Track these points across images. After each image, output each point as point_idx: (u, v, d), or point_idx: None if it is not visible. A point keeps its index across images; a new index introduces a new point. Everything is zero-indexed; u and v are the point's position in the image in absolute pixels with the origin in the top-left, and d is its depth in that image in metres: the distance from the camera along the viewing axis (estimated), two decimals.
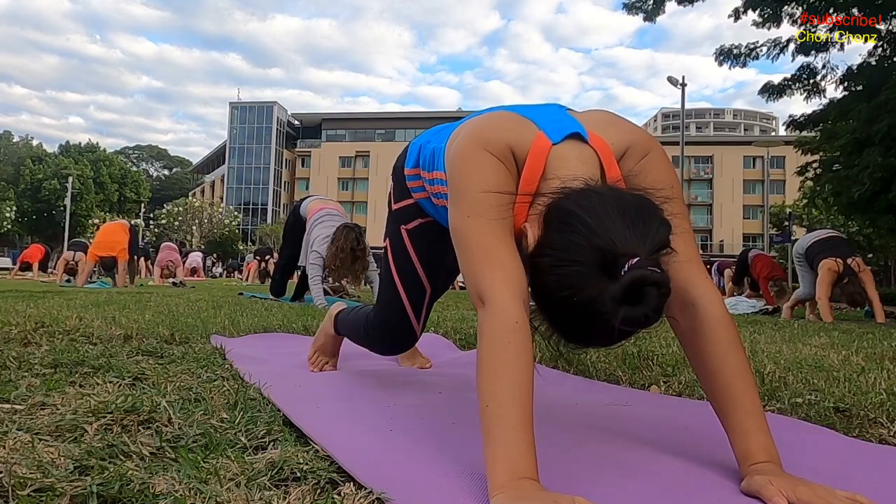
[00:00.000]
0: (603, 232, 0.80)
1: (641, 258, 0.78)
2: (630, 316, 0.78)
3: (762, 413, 0.89)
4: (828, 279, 5.02)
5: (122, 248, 7.79)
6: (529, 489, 0.74)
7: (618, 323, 0.78)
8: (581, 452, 0.99)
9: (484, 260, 0.91)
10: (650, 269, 0.77)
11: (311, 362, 1.84)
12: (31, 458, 0.80)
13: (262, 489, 0.76)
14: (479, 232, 0.93)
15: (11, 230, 44.34)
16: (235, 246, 43.45)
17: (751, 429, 0.86)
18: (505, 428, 0.78)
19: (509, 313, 0.86)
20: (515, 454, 0.76)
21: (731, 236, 45.65)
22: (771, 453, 0.85)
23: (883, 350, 2.46)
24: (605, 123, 1.05)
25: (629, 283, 0.76)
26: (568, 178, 0.91)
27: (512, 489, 0.73)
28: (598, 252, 0.80)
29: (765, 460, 0.84)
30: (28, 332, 2.13)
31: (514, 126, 1.02)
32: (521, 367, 0.83)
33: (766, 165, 32.63)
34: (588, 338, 0.90)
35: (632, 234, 0.80)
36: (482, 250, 0.92)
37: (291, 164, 56.49)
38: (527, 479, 0.75)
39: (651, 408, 1.37)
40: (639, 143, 1.03)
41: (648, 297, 0.77)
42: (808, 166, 10.68)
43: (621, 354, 2.02)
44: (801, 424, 1.23)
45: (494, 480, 0.75)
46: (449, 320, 3.21)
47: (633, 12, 10.34)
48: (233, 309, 3.80)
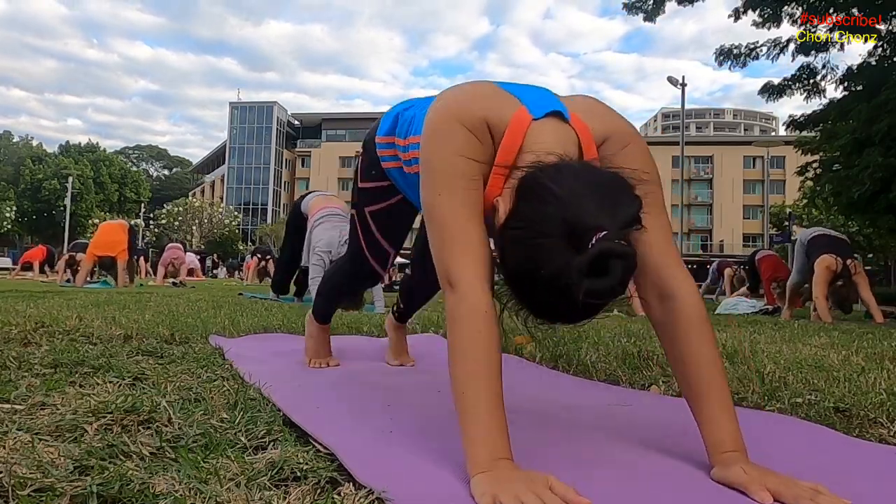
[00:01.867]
0: (573, 205, 0.81)
1: (610, 232, 0.78)
2: (595, 288, 0.78)
3: (731, 404, 0.92)
4: (824, 277, 4.98)
5: (122, 248, 7.75)
6: (507, 469, 0.79)
7: (582, 295, 0.78)
8: (580, 453, 0.99)
9: (454, 241, 0.93)
10: (617, 241, 0.77)
11: (311, 366, 1.87)
12: (31, 458, 0.80)
13: (262, 489, 0.76)
14: (450, 210, 0.95)
15: (11, 230, 44.34)
16: (235, 246, 43.44)
17: (721, 419, 0.90)
18: (481, 411, 0.84)
19: (478, 299, 0.89)
20: (493, 436, 0.82)
21: (731, 236, 45.63)
22: (738, 443, 0.88)
23: (883, 350, 2.46)
24: (589, 109, 1.05)
25: (595, 255, 0.77)
26: (543, 153, 0.91)
27: (489, 469, 0.78)
28: (566, 224, 0.80)
29: (732, 449, 0.87)
30: (28, 332, 2.13)
31: (494, 98, 1.02)
32: (491, 352, 0.88)
33: (766, 165, 32.64)
34: (554, 312, 0.90)
35: (601, 209, 0.80)
36: (452, 231, 0.94)
37: (291, 164, 56.47)
38: (503, 458, 0.80)
39: (651, 408, 1.37)
40: (620, 132, 1.03)
41: (613, 269, 0.77)
42: (808, 166, 10.67)
43: (621, 354, 2.02)
44: (801, 423, 1.23)
45: (473, 461, 0.80)
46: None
47: (633, 12, 10.33)
48: (233, 309, 3.80)
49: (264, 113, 54.78)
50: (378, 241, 1.61)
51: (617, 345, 2.31)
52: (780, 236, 17.53)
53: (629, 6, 10.22)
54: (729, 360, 2.02)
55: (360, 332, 2.79)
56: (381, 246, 1.62)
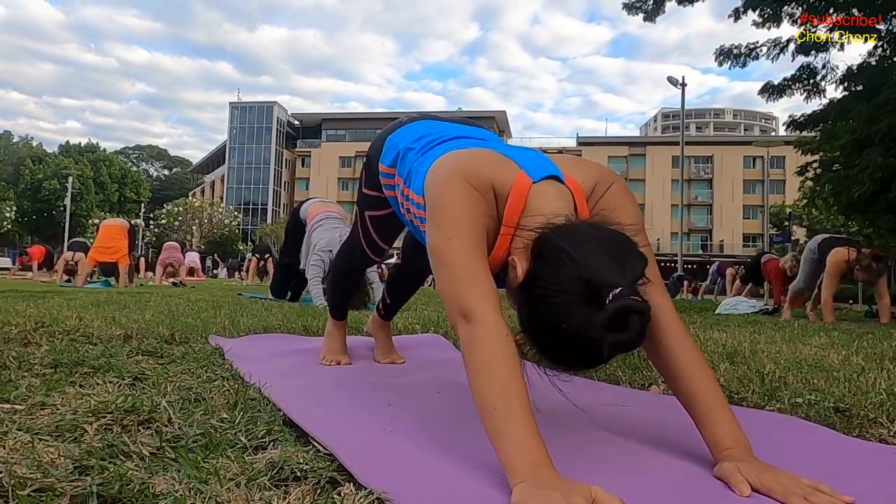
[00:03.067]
0: (588, 266, 0.88)
1: (623, 288, 0.85)
2: (617, 341, 0.86)
3: (725, 402, 0.97)
4: (834, 272, 4.94)
5: (123, 254, 7.77)
6: (549, 477, 0.78)
7: (606, 348, 0.86)
8: (580, 453, 0.99)
9: (467, 279, 0.98)
10: (632, 298, 0.85)
11: (323, 362, 1.95)
12: (31, 458, 0.80)
13: (262, 489, 0.76)
14: (461, 253, 1.01)
15: (11, 230, 44.33)
16: (235, 246, 43.43)
17: (716, 417, 0.94)
18: (514, 423, 0.83)
19: (498, 325, 0.93)
20: (529, 445, 0.82)
21: (731, 236, 45.62)
22: (737, 437, 0.91)
23: (883, 350, 2.46)
24: (575, 164, 1.16)
25: (615, 312, 0.84)
26: (551, 214, 1.00)
27: (532, 478, 0.77)
28: (584, 283, 0.87)
29: (732, 445, 0.90)
30: (28, 332, 2.13)
31: (498, 164, 1.11)
32: (516, 370, 0.90)
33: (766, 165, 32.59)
34: (576, 361, 0.97)
35: (613, 267, 0.88)
36: (464, 270, 0.99)
37: (291, 164, 56.42)
38: (544, 466, 0.80)
39: (651, 408, 1.37)
40: (603, 178, 1.14)
41: (632, 323, 0.85)
42: (808, 166, 10.67)
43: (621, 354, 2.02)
44: (801, 423, 1.23)
45: (514, 471, 0.79)
46: (449, 320, 3.20)
47: (633, 12, 10.32)
48: (233, 309, 3.80)
49: (264, 113, 54.72)
50: (374, 240, 1.78)
51: None
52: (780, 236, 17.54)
53: (629, 6, 10.21)
54: (729, 360, 2.02)
55: (359, 333, 2.79)
56: (377, 244, 1.80)
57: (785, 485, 0.80)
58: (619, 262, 0.89)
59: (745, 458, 0.87)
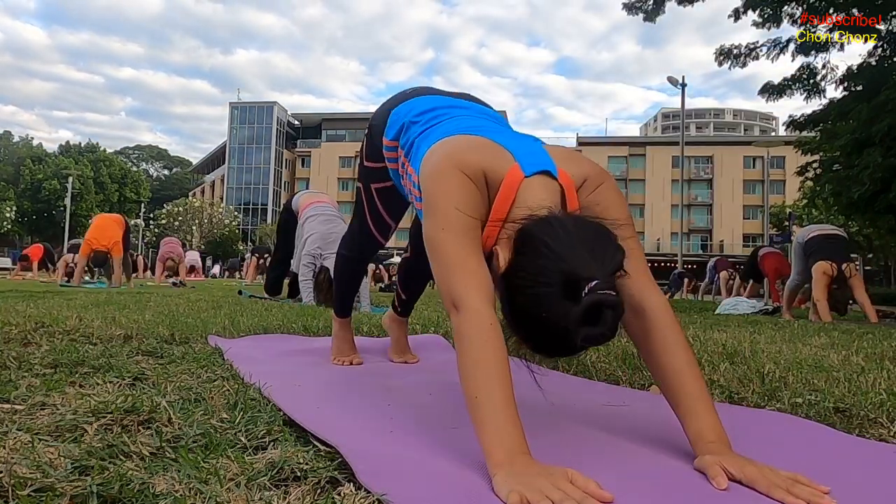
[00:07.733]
0: (566, 258, 0.90)
1: (600, 281, 0.87)
2: (589, 335, 0.88)
3: (709, 398, 0.98)
4: (823, 281, 5.11)
5: (116, 241, 7.61)
6: (525, 463, 0.81)
7: (579, 340, 0.89)
8: (580, 453, 0.99)
9: (457, 269, 1.00)
10: (607, 292, 0.86)
11: (335, 362, 1.95)
12: (31, 458, 0.80)
13: (262, 489, 0.76)
14: (452, 244, 1.02)
15: (11, 230, 44.34)
16: (235, 246, 43.43)
17: (699, 412, 0.95)
18: (494, 411, 0.86)
19: (484, 316, 0.95)
20: (506, 433, 0.84)
21: (731, 236, 45.63)
22: (718, 433, 0.92)
23: (883, 350, 2.46)
24: (569, 157, 1.17)
25: (588, 306, 0.86)
26: (534, 207, 1.01)
27: (508, 465, 0.80)
28: (562, 275, 0.89)
29: (714, 440, 0.91)
30: (28, 332, 2.13)
31: (492, 153, 1.12)
32: (500, 359, 0.92)
33: (766, 165, 32.62)
34: (553, 350, 1.00)
35: (591, 259, 0.89)
36: (455, 260, 1.01)
37: (291, 165, 56.43)
38: (520, 453, 0.83)
39: (650, 408, 1.37)
40: (594, 175, 1.15)
41: (605, 318, 0.86)
42: (808, 166, 10.69)
43: (621, 354, 2.02)
44: (800, 422, 1.23)
45: (492, 459, 0.82)
46: (448, 320, 3.20)
47: (633, 12, 10.35)
48: (232, 309, 3.80)
49: (264, 113, 54.74)
50: (382, 215, 1.74)
51: (617, 345, 2.31)
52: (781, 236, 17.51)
53: (629, 6, 10.23)
54: (729, 360, 2.02)
55: (359, 333, 2.79)
56: (384, 220, 1.75)
57: (767, 477, 0.81)
58: (597, 255, 0.90)
59: (725, 453, 0.88)
